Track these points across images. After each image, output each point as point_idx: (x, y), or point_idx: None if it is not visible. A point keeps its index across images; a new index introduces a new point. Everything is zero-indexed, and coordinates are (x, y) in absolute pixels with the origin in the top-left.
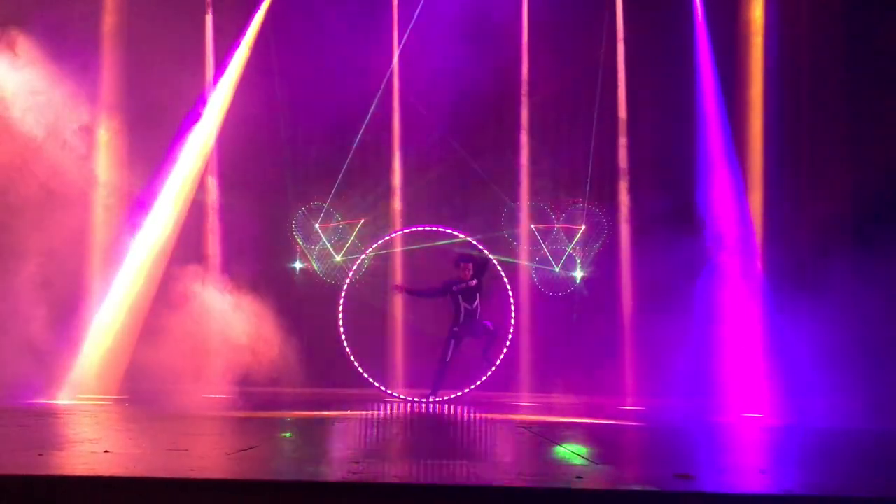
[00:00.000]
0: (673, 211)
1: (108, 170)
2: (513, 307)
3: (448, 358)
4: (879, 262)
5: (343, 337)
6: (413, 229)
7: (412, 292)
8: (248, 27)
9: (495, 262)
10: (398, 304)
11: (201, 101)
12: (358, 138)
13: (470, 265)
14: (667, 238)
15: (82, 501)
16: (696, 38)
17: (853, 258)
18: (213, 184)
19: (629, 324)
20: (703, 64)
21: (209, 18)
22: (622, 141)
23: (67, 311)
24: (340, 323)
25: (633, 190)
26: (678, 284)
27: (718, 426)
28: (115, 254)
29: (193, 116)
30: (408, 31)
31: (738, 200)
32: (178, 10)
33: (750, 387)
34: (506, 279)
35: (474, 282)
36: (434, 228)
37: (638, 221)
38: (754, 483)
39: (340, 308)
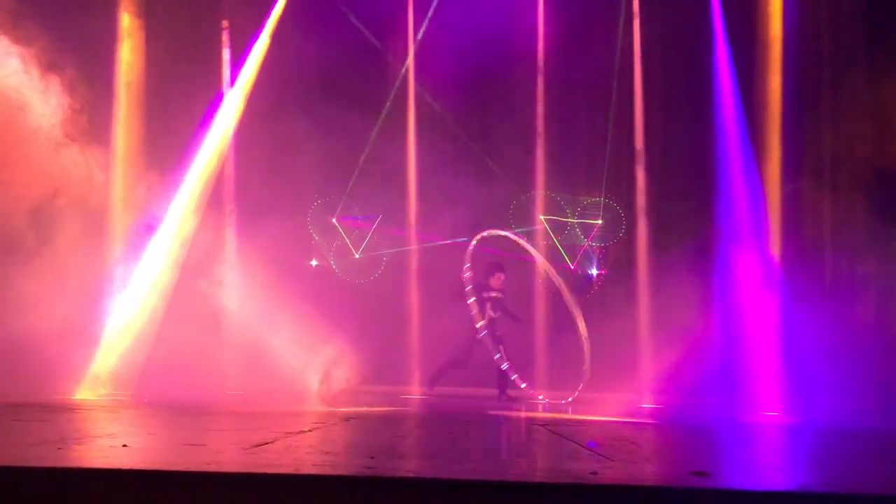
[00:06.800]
0: (690, 205)
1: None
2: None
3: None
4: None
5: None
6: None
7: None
8: (266, 20)
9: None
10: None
11: (218, 96)
12: (374, 133)
13: (503, 276)
14: (683, 231)
15: (99, 492)
16: (714, 25)
17: (871, 254)
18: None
19: (645, 319)
20: (720, 52)
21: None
22: (639, 133)
23: (86, 306)
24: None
25: (649, 183)
26: (696, 279)
27: (736, 424)
28: (133, 248)
29: (210, 112)
30: (424, 23)
31: (754, 193)
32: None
33: (768, 384)
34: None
35: (502, 294)
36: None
37: (654, 215)
38: (770, 480)
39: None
